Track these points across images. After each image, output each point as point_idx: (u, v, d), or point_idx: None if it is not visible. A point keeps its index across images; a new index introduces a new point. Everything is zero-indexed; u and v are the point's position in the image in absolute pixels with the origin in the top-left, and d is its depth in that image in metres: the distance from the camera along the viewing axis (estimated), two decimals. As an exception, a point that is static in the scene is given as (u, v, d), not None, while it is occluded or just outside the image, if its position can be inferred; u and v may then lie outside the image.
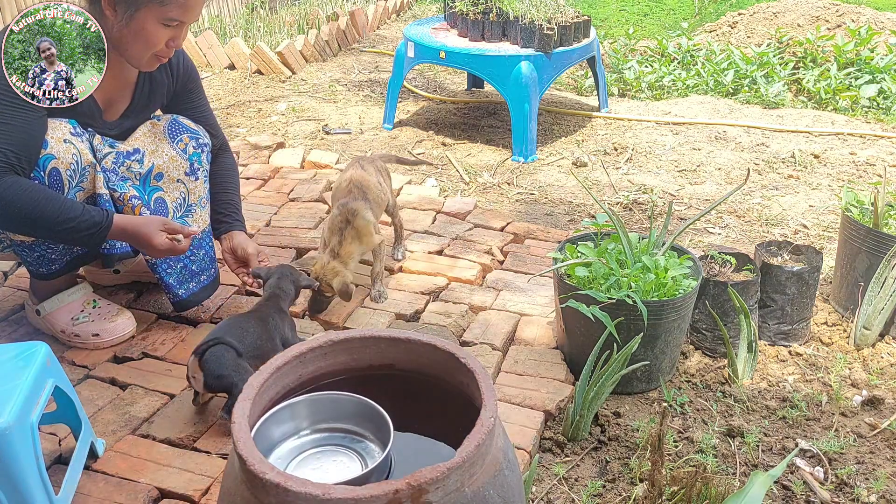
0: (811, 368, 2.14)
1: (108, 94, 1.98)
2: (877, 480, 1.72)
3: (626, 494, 1.68)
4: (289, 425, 1.23)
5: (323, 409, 1.24)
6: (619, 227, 2.10)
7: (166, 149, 2.09)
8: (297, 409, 1.23)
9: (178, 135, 2.12)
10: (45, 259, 2.00)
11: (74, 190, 1.90)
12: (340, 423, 1.24)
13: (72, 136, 1.89)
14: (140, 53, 1.91)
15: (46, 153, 1.83)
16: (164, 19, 1.85)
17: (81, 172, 1.90)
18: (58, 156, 1.85)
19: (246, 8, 5.98)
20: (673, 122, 4.09)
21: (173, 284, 2.15)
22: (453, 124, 4.10)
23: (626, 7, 6.75)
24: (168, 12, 1.84)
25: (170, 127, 2.12)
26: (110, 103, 2.01)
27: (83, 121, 1.95)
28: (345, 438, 1.23)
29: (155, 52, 1.92)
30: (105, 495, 1.60)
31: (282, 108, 4.26)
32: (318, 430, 1.24)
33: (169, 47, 1.92)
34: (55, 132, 1.86)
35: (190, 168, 2.12)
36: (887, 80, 4.34)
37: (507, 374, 2.04)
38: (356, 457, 1.19)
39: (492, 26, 3.74)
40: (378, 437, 1.20)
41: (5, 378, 1.41)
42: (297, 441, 1.23)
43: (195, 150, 2.13)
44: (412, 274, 2.53)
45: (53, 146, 1.84)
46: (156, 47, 1.90)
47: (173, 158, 2.09)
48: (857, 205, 2.37)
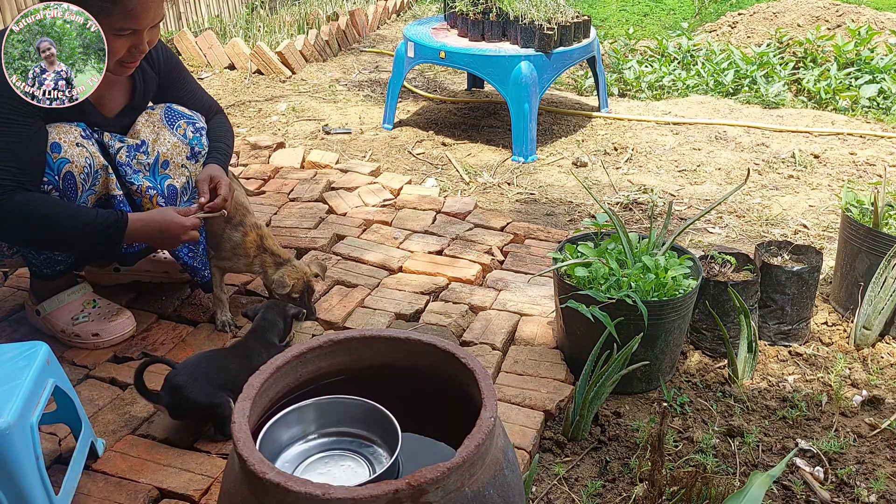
0: (811, 368, 2.14)
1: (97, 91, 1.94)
2: (877, 480, 1.72)
3: (626, 494, 1.68)
4: (296, 429, 1.22)
5: (331, 413, 1.24)
6: (619, 227, 2.10)
7: (167, 136, 2.10)
8: (305, 412, 1.22)
9: (175, 121, 2.14)
10: (52, 261, 2.03)
11: (87, 193, 1.92)
12: (348, 427, 1.24)
13: (83, 140, 1.90)
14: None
15: (60, 157, 1.85)
16: (114, 30, 1.83)
17: (94, 175, 1.92)
18: (72, 159, 1.86)
19: (246, 8, 5.98)
20: (673, 122, 4.09)
21: (198, 267, 2.19)
22: (453, 124, 4.10)
23: (626, 7, 6.75)
24: (115, 23, 1.82)
25: (166, 114, 2.14)
26: (101, 101, 2.01)
27: (87, 120, 1.96)
28: (353, 443, 1.23)
29: (118, 59, 1.89)
30: (105, 495, 1.60)
31: (282, 108, 4.26)
32: (326, 434, 1.24)
33: (133, 53, 1.90)
34: (67, 136, 1.87)
35: (191, 152, 2.14)
36: (887, 80, 4.34)
37: (507, 374, 2.04)
38: (364, 462, 1.19)
39: (492, 26, 3.74)
40: (386, 442, 1.20)
41: (5, 378, 1.41)
42: (304, 445, 1.22)
43: (194, 133, 2.15)
44: (412, 274, 2.53)
45: (67, 150, 1.86)
46: (116, 55, 1.87)
47: (175, 145, 2.11)
48: (857, 205, 2.37)
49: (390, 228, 2.83)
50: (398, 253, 2.65)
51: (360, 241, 2.73)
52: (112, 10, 1.80)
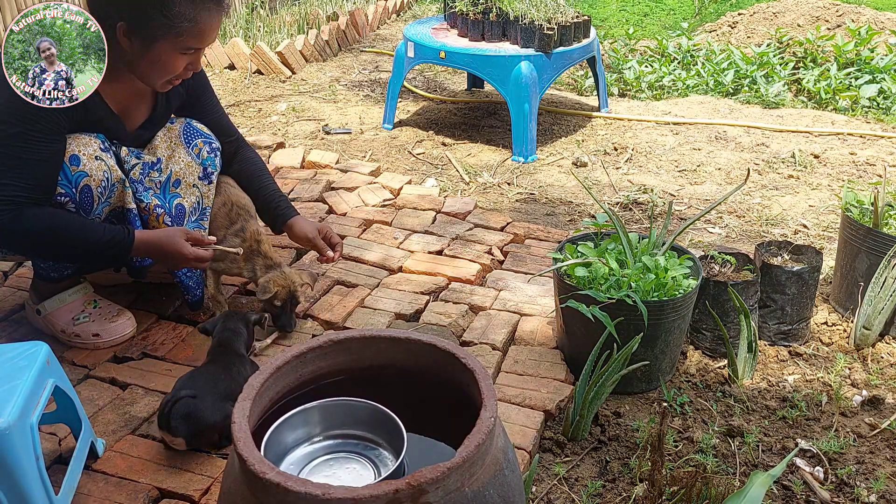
0: (811, 368, 2.14)
1: (123, 104, 1.98)
2: (877, 480, 1.72)
3: (626, 494, 1.68)
4: (301, 431, 1.22)
5: (336, 415, 1.24)
6: (619, 226, 2.10)
7: (182, 154, 2.11)
8: (310, 414, 1.22)
9: (192, 139, 2.14)
10: (60, 265, 2.03)
11: (102, 205, 1.93)
12: (354, 429, 1.24)
13: (101, 153, 1.90)
14: (157, 79, 1.91)
15: (79, 170, 1.86)
16: (182, 48, 1.85)
17: (111, 188, 1.93)
18: (90, 173, 1.87)
19: (246, 8, 5.97)
20: (673, 122, 4.09)
21: (192, 286, 2.19)
22: (453, 124, 4.10)
23: (626, 7, 6.75)
24: (185, 42, 1.84)
25: (185, 131, 2.14)
26: (127, 113, 2.01)
27: (109, 134, 1.97)
28: (358, 445, 1.22)
29: (172, 77, 1.92)
30: (105, 495, 1.60)
31: (282, 108, 4.26)
32: (331, 437, 1.24)
33: (187, 70, 1.92)
34: (86, 148, 1.88)
35: (203, 172, 2.14)
36: (887, 80, 4.34)
37: (507, 374, 2.04)
38: (369, 464, 1.19)
39: (492, 26, 3.74)
40: (391, 445, 1.20)
41: (5, 378, 1.41)
42: (310, 447, 1.22)
43: (209, 154, 2.15)
44: (412, 274, 2.53)
45: (86, 164, 1.86)
46: (173, 73, 1.90)
47: (189, 164, 2.11)
48: (857, 205, 2.37)
49: (390, 228, 2.83)
50: (398, 253, 2.65)
51: (360, 240, 2.73)
52: (186, 30, 1.82)
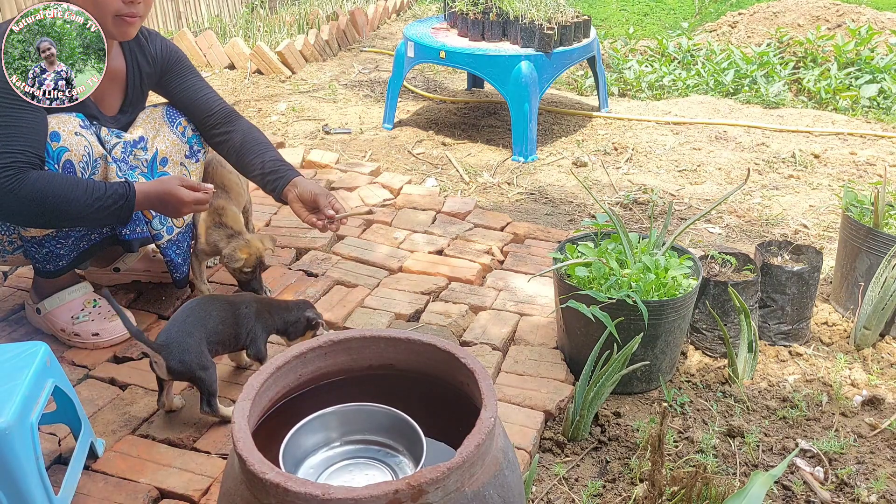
0: (811, 368, 2.14)
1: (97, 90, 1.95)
2: (877, 480, 1.72)
3: (626, 494, 1.68)
4: (320, 436, 1.22)
5: (355, 421, 1.23)
6: (619, 226, 2.10)
7: (167, 133, 2.11)
8: (328, 419, 1.22)
9: (176, 118, 2.15)
10: (54, 255, 2.01)
11: None
12: (373, 435, 1.23)
13: (81, 129, 1.90)
14: (104, 20, 1.87)
15: (60, 145, 1.85)
16: None
17: (93, 164, 1.92)
18: (70, 148, 1.87)
19: (246, 8, 5.97)
20: (673, 121, 4.09)
21: (179, 263, 2.20)
22: (453, 124, 4.10)
23: (626, 7, 6.75)
24: None
25: (167, 112, 2.15)
26: (101, 98, 2.01)
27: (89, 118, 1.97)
28: (378, 452, 1.22)
29: (115, 12, 1.87)
30: (105, 495, 1.60)
31: (282, 108, 4.26)
32: (350, 442, 1.23)
33: (127, 3, 1.87)
34: (66, 125, 1.88)
35: (190, 150, 2.15)
36: (887, 79, 4.34)
37: (507, 374, 2.04)
38: (388, 471, 1.18)
39: (492, 26, 3.74)
40: (411, 452, 1.19)
41: (5, 378, 1.41)
42: (329, 452, 1.22)
43: (194, 132, 2.16)
44: (412, 274, 2.53)
45: (66, 138, 1.86)
46: (111, 6, 1.86)
47: (174, 143, 2.12)
48: (857, 205, 2.36)
49: (390, 228, 2.83)
50: (398, 253, 2.65)
51: (360, 240, 2.73)
52: None
